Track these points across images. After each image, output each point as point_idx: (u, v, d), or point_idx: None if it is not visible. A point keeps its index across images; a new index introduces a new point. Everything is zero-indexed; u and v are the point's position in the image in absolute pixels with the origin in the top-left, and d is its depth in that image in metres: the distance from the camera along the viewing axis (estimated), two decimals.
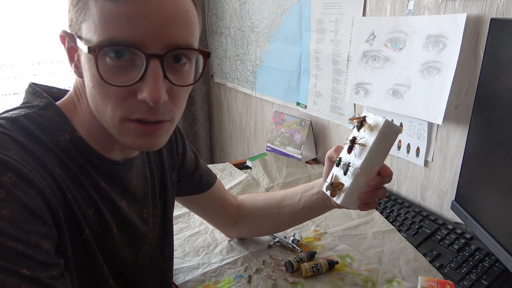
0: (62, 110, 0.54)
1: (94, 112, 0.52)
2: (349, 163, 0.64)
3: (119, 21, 0.44)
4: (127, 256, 0.62)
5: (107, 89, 0.47)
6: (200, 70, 0.53)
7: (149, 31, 0.45)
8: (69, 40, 0.51)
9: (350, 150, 0.64)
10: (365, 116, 0.64)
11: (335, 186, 0.65)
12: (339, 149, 0.69)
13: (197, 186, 0.81)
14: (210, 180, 0.83)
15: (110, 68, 0.46)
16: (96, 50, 0.45)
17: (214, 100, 2.17)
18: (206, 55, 0.51)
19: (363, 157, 0.62)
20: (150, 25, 0.45)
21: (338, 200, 0.65)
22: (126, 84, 0.46)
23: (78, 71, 0.52)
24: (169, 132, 0.54)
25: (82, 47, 0.47)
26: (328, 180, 0.68)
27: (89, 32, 0.46)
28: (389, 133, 0.62)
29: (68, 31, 0.51)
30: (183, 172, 0.77)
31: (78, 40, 0.48)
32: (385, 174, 0.64)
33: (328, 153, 0.71)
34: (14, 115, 0.50)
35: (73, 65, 0.52)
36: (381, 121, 0.61)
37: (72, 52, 0.52)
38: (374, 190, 0.64)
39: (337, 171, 0.67)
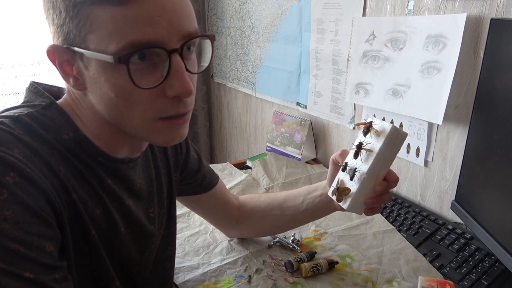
0: (64, 110, 0.53)
1: (113, 120, 0.51)
2: (356, 168, 0.64)
3: (137, 23, 0.44)
4: (134, 256, 0.62)
5: (134, 94, 0.47)
6: (203, 64, 0.54)
7: (166, 27, 0.45)
8: (61, 54, 0.49)
9: (356, 155, 0.64)
10: (371, 122, 0.64)
11: (342, 191, 0.65)
12: (344, 153, 0.68)
13: (199, 186, 0.81)
14: (212, 180, 0.83)
15: (134, 72, 0.45)
16: (123, 58, 0.44)
17: (214, 100, 2.17)
18: (213, 38, 0.53)
19: (370, 162, 0.62)
20: (166, 21, 0.45)
21: (344, 205, 0.65)
22: (155, 85, 0.46)
23: (78, 84, 0.50)
24: (189, 120, 0.55)
25: (100, 57, 0.45)
26: (334, 185, 0.68)
27: (102, 41, 0.45)
28: (396, 138, 0.62)
29: (59, 45, 0.48)
30: (186, 172, 0.77)
31: (86, 52, 0.46)
32: (391, 180, 0.64)
33: (333, 157, 0.71)
34: (16, 114, 0.49)
35: (71, 79, 0.50)
36: (387, 127, 0.61)
37: (65, 66, 0.49)
38: (380, 195, 0.64)
39: (343, 175, 0.67)
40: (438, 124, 1.02)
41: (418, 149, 1.08)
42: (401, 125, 1.11)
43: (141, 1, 0.44)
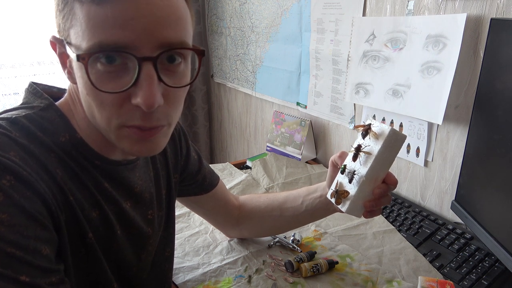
0: (62, 112, 0.53)
1: (90, 119, 0.50)
2: (354, 171, 0.63)
3: (107, 24, 0.42)
4: (131, 258, 0.61)
5: (101, 96, 0.45)
6: (197, 70, 0.51)
7: (139, 32, 0.43)
8: (59, 46, 0.49)
9: (355, 158, 0.64)
10: (370, 124, 0.64)
11: (340, 194, 0.65)
12: (343, 155, 0.68)
13: (200, 187, 0.80)
14: (213, 181, 0.83)
15: (102, 74, 0.44)
16: (86, 58, 0.43)
17: (214, 100, 2.17)
18: (201, 54, 0.49)
19: (369, 165, 0.62)
20: (140, 25, 0.43)
21: (343, 208, 0.65)
22: (119, 90, 0.44)
23: (72, 77, 0.50)
24: (167, 135, 0.52)
25: (71, 54, 0.45)
26: (333, 187, 0.68)
27: (78, 38, 0.44)
28: (395, 141, 0.61)
29: (58, 36, 0.49)
30: (186, 173, 0.77)
31: (67, 47, 0.46)
32: (390, 182, 0.64)
33: (332, 159, 0.71)
34: (14, 116, 0.49)
35: (66, 71, 0.51)
36: (386, 129, 0.61)
37: (64, 58, 0.50)
38: (379, 198, 0.64)
39: (341, 178, 0.67)
40: (438, 124, 1.02)
41: (418, 149, 1.08)
42: (401, 125, 1.11)
43: (117, 2, 0.42)
